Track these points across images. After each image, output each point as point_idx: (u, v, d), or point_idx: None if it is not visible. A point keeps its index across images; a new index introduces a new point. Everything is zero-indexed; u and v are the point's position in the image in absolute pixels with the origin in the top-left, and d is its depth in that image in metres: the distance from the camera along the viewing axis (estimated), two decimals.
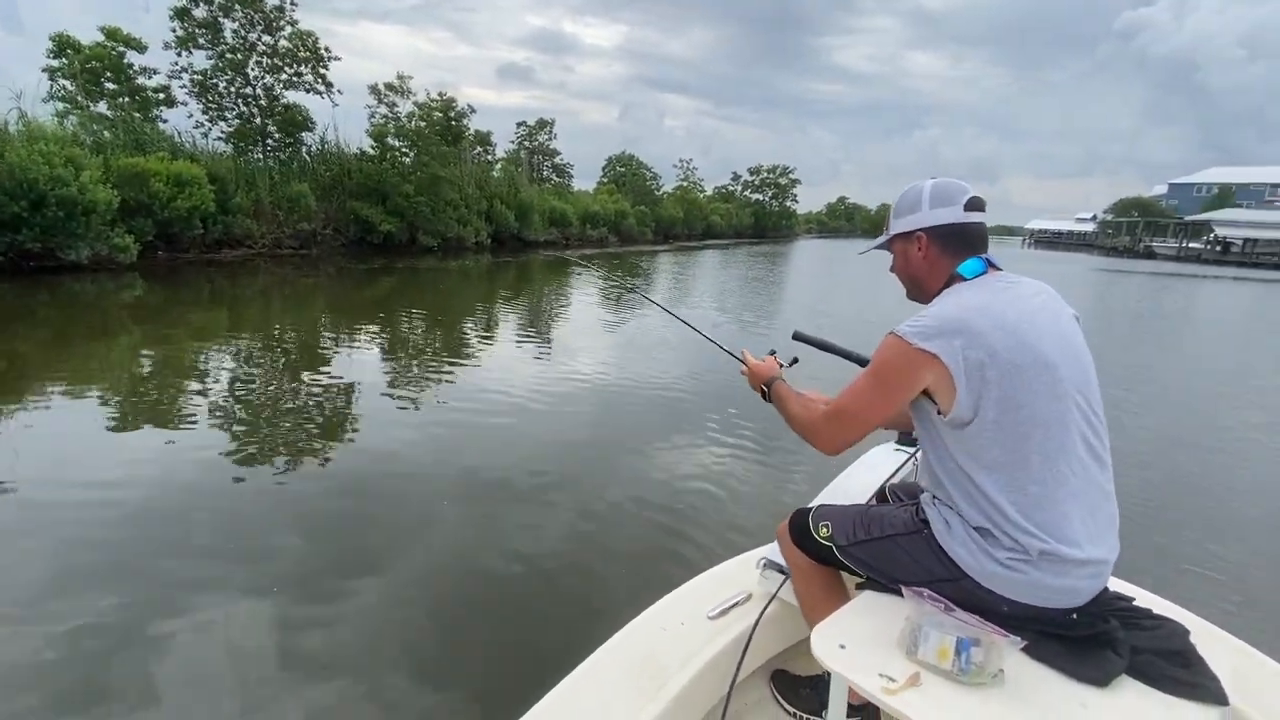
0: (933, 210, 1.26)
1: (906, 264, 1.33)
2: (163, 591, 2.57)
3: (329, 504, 3.45)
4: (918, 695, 0.98)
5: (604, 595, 2.77)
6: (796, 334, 1.89)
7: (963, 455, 1.14)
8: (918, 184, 1.31)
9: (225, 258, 14.45)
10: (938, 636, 1.03)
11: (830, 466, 2.01)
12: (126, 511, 3.23)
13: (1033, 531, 1.08)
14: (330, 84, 17.92)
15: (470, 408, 5.26)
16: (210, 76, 16.26)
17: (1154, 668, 1.05)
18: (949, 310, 1.16)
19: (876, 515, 1.33)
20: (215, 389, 5.50)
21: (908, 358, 1.14)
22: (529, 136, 33.37)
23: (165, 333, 7.73)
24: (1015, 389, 1.09)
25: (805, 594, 1.42)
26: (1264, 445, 5.47)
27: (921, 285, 1.32)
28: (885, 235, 1.37)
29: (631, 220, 32.78)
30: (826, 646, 1.08)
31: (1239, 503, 4.23)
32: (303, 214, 16.01)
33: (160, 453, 4.02)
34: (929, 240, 1.27)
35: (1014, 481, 1.10)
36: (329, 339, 8.10)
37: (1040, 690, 1.01)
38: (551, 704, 1.20)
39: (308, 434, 4.53)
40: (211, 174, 14.06)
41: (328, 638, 2.36)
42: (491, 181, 23.69)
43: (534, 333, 9.25)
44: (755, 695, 1.58)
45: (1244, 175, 66.80)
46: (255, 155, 17.26)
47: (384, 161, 18.40)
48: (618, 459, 4.38)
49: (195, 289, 11.23)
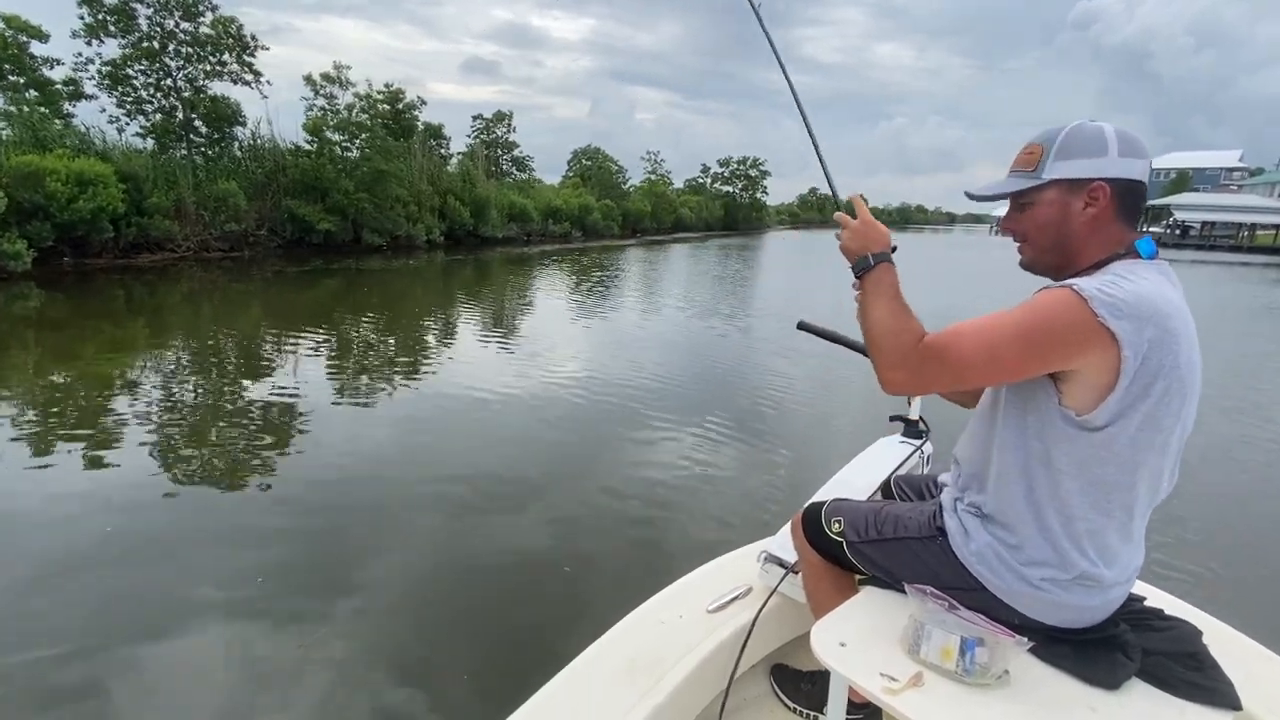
0: (1123, 159, 1.00)
1: (1063, 220, 1.04)
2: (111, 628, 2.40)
3: (301, 519, 3.27)
4: (920, 696, 0.95)
5: (599, 591, 2.74)
6: (801, 324, 1.82)
7: (1067, 460, 0.98)
8: (1088, 122, 1.03)
9: (144, 263, 13.35)
10: (941, 636, 1.00)
11: (831, 459, 1.96)
12: (48, 543, 2.98)
13: (1085, 555, 1.01)
14: (259, 74, 16.82)
15: (446, 407, 5.12)
16: (121, 67, 15.00)
17: (1165, 670, 1.01)
18: (1146, 290, 0.93)
19: (891, 515, 1.25)
20: (138, 408, 4.93)
21: (1083, 325, 0.90)
22: (486, 130, 32.31)
23: (71, 348, 6.83)
24: (1166, 409, 0.94)
25: (814, 589, 1.36)
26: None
27: (1071, 250, 1.05)
28: (1030, 176, 1.05)
29: (597, 215, 31.94)
30: (827, 644, 1.06)
31: (1246, 499, 4.08)
32: (231, 214, 14.90)
33: (82, 480, 3.67)
34: (1110, 194, 1.00)
35: (1102, 505, 0.99)
36: (268, 347, 7.44)
37: (1047, 692, 0.98)
38: (549, 696, 1.19)
39: (260, 449, 4.21)
40: (123, 172, 12.94)
41: (319, 639, 2.34)
42: (445, 176, 22.67)
43: (500, 330, 8.93)
44: (755, 689, 1.55)
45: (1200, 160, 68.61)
46: (180, 152, 16.05)
47: (321, 157, 17.30)
48: (604, 457, 4.26)
49: (107, 299, 10.18)
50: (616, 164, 40.24)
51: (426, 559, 2.96)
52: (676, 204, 44.14)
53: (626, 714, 1.15)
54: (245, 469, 3.90)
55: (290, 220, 16.39)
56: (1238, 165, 66.18)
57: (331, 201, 17.00)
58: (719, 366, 7.11)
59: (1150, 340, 0.90)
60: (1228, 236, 47.18)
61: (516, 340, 8.28)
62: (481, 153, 29.05)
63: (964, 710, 0.93)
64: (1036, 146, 1.06)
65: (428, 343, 8.04)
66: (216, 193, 14.60)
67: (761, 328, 9.80)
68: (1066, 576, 1.01)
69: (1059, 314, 0.92)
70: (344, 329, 8.55)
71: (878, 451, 1.94)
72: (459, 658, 2.31)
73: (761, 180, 56.61)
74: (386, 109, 21.41)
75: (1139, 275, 0.96)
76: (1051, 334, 0.92)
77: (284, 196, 16.48)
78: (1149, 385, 0.92)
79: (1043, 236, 1.07)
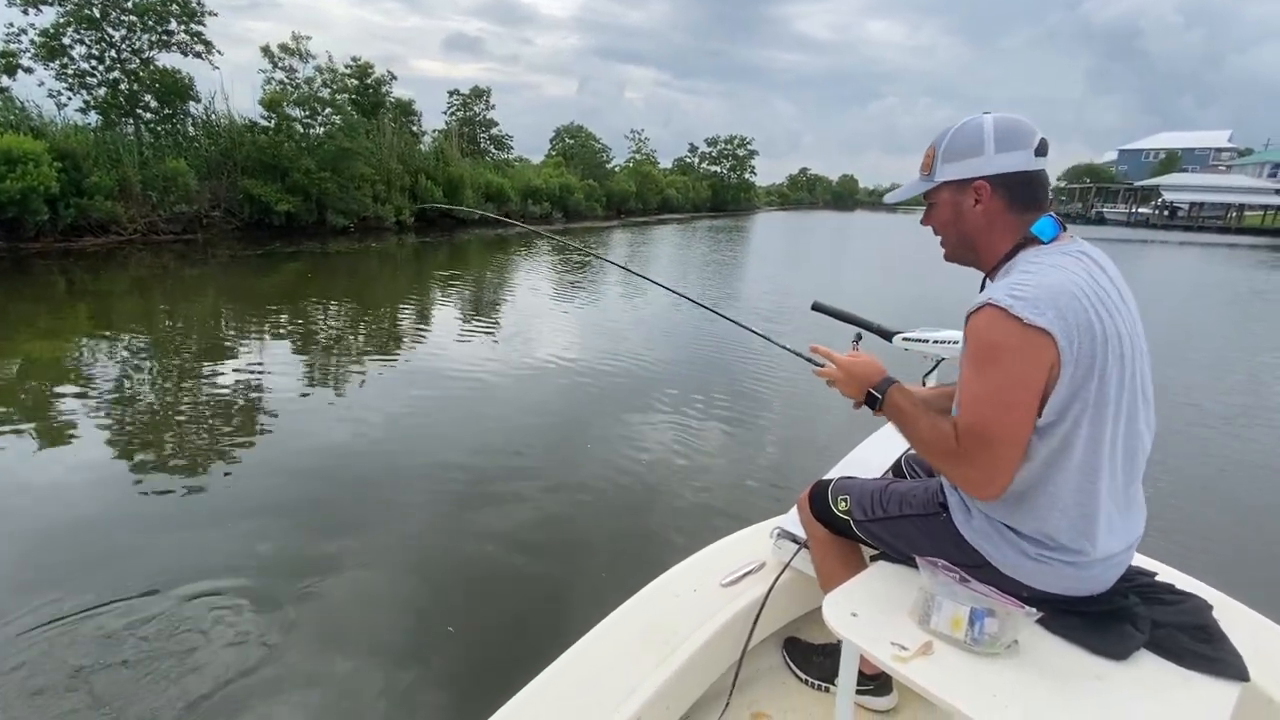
0: (999, 155, 1.04)
1: (957, 219, 1.11)
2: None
3: (281, 511, 3.15)
4: (929, 664, 0.98)
5: (610, 567, 2.77)
6: (816, 304, 1.79)
7: (1041, 455, 0.99)
8: (973, 119, 1.08)
9: (86, 247, 12.58)
10: (951, 606, 1.02)
11: (844, 438, 1.98)
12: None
13: (1076, 529, 1.02)
14: (210, 44, 15.84)
15: (437, 393, 5.03)
16: (55, 36, 14.04)
17: (1174, 642, 1.03)
18: (1052, 279, 0.97)
19: (895, 492, 1.27)
20: (75, 404, 4.57)
21: (1023, 336, 0.93)
22: (464, 106, 31.24)
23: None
24: (1109, 383, 0.97)
25: (822, 564, 1.38)
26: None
27: (975, 245, 1.11)
28: (926, 180, 1.12)
29: (579, 195, 31.07)
30: (838, 615, 1.07)
31: (1257, 473, 4.08)
32: (181, 194, 14.08)
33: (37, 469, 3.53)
34: (992, 191, 1.06)
35: (1086, 486, 1.00)
36: (227, 334, 7.12)
37: (1055, 661, 1.00)
38: (563, 667, 1.21)
39: (225, 439, 4.03)
40: (59, 150, 12.13)
41: (331, 612, 2.36)
42: (417, 155, 21.79)
43: (482, 315, 8.79)
44: (768, 662, 1.57)
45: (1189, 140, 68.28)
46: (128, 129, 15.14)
47: (280, 133, 16.43)
48: (604, 439, 4.21)
49: (43, 285, 9.58)
50: (600, 142, 39.19)
51: (436, 531, 3.00)
52: (663, 184, 43.22)
53: (641, 683, 1.18)
54: (205, 460, 3.73)
55: (248, 201, 15.56)
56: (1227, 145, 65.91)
57: (292, 181, 16.16)
58: (726, 351, 6.96)
59: (1076, 325, 0.94)
60: (1216, 217, 47.03)
61: (501, 323, 8.07)
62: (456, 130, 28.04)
63: (973, 678, 0.95)
64: (931, 148, 1.12)
65: (404, 328, 7.81)
66: (164, 172, 13.76)
67: (770, 310, 9.64)
68: (1065, 550, 1.02)
69: (999, 336, 0.95)
70: (309, 316, 8.17)
71: (890, 430, 1.91)
72: (475, 630, 2.33)
73: (749, 160, 55.65)
74: (354, 83, 20.47)
75: (1043, 263, 1.00)
76: (1010, 353, 0.95)
77: (240, 176, 15.64)
78: (1090, 365, 0.95)
79: (947, 233, 1.13)
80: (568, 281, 12.42)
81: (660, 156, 48.67)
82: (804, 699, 1.47)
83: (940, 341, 1.58)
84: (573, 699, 1.15)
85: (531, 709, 1.12)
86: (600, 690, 1.16)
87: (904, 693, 1.42)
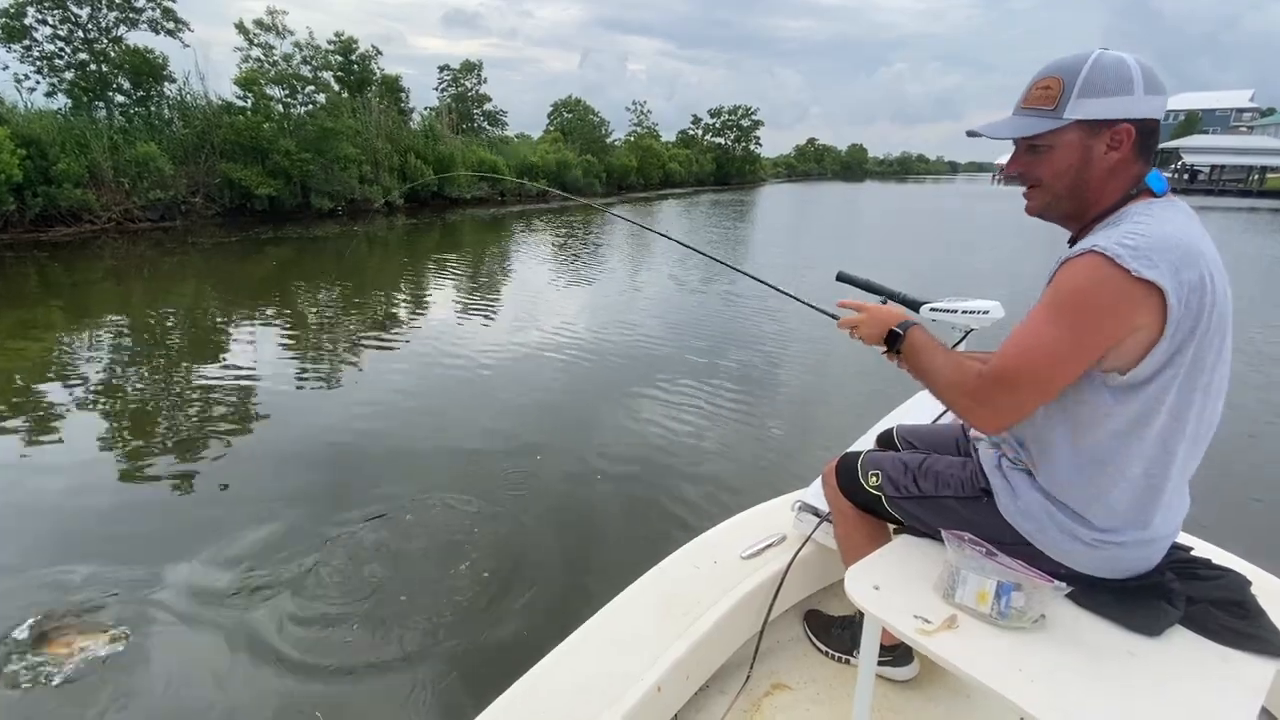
0: (1149, 96, 0.92)
1: (1084, 164, 0.96)
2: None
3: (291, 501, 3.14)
4: (954, 637, 0.96)
5: (631, 540, 2.83)
6: (841, 274, 1.72)
7: (1114, 421, 0.94)
8: (1106, 53, 0.93)
9: (58, 237, 12.15)
10: (977, 580, 1.00)
11: (868, 411, 1.99)
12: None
13: (1139, 505, 0.97)
14: (182, 21, 15.12)
15: (446, 375, 5.08)
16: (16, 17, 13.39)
17: (1210, 618, 0.99)
18: (1170, 231, 0.88)
19: (931, 471, 1.23)
20: (47, 401, 4.46)
21: (1122, 289, 0.85)
22: (455, 82, 30.28)
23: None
24: (1209, 348, 0.90)
25: (846, 538, 1.36)
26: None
27: (1086, 197, 0.99)
28: (1049, 116, 0.95)
29: (577, 171, 30.20)
30: (860, 587, 1.06)
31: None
32: (155, 180, 13.54)
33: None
34: (1134, 137, 0.94)
35: (1156, 459, 0.94)
36: (217, 325, 6.86)
37: (1084, 636, 0.97)
38: (585, 635, 1.24)
39: (219, 429, 3.99)
40: (22, 136, 11.60)
41: (361, 588, 2.46)
42: (406, 133, 21.06)
43: (487, 294, 8.75)
44: (788, 633, 1.59)
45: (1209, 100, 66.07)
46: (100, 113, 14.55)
47: (257, 113, 15.78)
48: (621, 414, 4.26)
49: (13, 278, 9.19)
50: (599, 116, 38.04)
51: (454, 506, 3.05)
52: (665, 158, 42.09)
53: (664, 651, 1.22)
54: (197, 453, 3.68)
55: (227, 185, 15.01)
56: (1248, 105, 63.58)
57: (273, 164, 15.57)
58: (744, 326, 6.85)
59: (1188, 282, 0.86)
60: (1237, 180, 45.50)
61: (504, 304, 7.95)
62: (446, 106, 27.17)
63: (998, 652, 0.93)
64: (1054, 80, 0.97)
65: (415, 312, 7.69)
66: (135, 156, 13.22)
67: (789, 280, 9.45)
68: (1119, 533, 0.99)
69: (1094, 285, 0.88)
70: (295, 303, 7.96)
71: (917, 403, 1.92)
72: (499, 602, 2.40)
73: (754, 130, 54.11)
74: (338, 60, 19.68)
75: (1159, 215, 0.92)
76: (1097, 309, 0.88)
77: (219, 159, 15.06)
78: (1193, 328, 0.88)
79: (1059, 182, 1.00)
80: (570, 257, 12.23)
81: (663, 130, 47.38)
82: (825, 670, 1.50)
83: (969, 312, 1.49)
84: (595, 667, 1.18)
85: (554, 676, 1.16)
86: (622, 659, 1.20)
87: (925, 662, 1.42)
